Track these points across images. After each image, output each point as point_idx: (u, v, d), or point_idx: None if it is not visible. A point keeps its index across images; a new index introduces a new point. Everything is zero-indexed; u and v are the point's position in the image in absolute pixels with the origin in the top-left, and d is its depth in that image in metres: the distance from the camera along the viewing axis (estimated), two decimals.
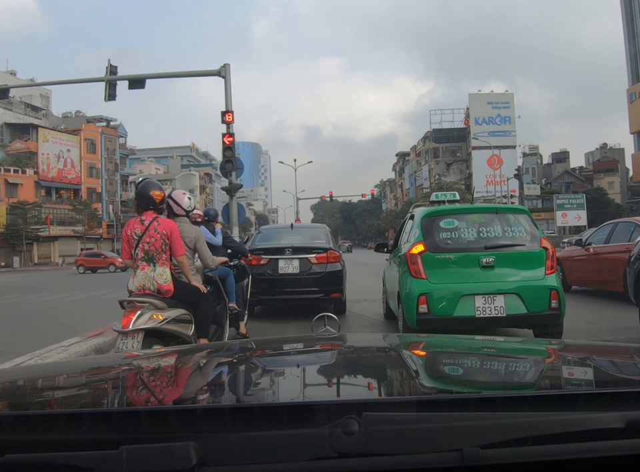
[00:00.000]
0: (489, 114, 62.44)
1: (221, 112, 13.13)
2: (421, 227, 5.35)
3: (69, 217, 50.51)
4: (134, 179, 61.16)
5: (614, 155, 68.67)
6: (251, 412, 0.79)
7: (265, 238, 8.90)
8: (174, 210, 4.39)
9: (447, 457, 0.69)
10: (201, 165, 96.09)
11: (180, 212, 4.42)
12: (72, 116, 61.63)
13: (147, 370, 1.33)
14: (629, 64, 59.90)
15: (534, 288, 5.00)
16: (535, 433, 0.72)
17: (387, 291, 7.02)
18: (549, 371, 1.20)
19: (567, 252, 10.42)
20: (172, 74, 16.15)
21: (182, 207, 4.43)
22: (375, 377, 1.16)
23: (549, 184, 66.72)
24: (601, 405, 0.77)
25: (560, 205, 47.40)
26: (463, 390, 1.06)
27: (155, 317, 3.71)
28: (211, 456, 0.69)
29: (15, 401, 1.02)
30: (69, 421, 0.77)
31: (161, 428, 0.75)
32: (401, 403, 0.83)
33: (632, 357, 1.28)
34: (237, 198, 13.37)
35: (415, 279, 5.12)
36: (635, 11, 57.49)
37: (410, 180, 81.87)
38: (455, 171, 69.36)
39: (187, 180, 76.02)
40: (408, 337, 2.49)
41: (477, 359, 1.35)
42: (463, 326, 4.90)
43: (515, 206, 7.10)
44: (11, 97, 45.41)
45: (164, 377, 1.23)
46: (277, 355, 1.49)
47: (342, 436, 0.69)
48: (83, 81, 15.94)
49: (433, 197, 6.67)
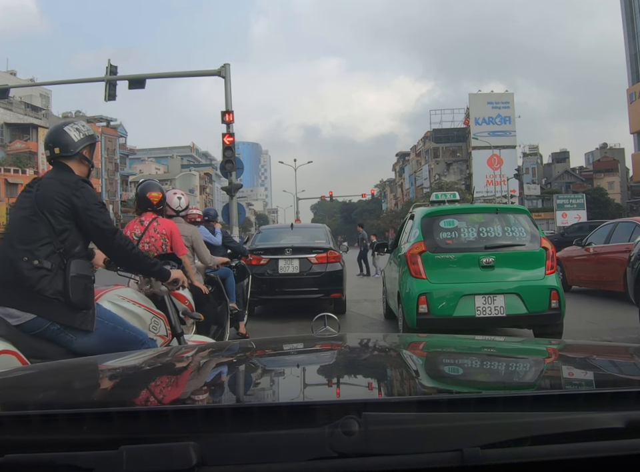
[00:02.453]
0: (489, 114, 62.42)
1: (221, 112, 13.13)
2: (421, 227, 5.36)
3: None
4: (134, 179, 61.20)
5: (614, 155, 68.64)
6: (251, 412, 0.79)
7: (265, 238, 8.91)
8: (165, 210, 4.39)
9: (446, 457, 0.69)
10: (201, 165, 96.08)
11: (169, 212, 4.40)
12: (72, 116, 61.56)
13: (147, 370, 1.33)
14: (629, 64, 59.87)
15: (534, 288, 5.01)
16: (535, 432, 0.72)
17: (387, 291, 7.03)
18: (549, 371, 1.21)
19: (566, 252, 10.43)
20: (172, 74, 16.16)
21: (171, 207, 4.43)
22: (375, 377, 1.16)
23: (549, 184, 66.72)
24: (600, 405, 0.77)
25: (560, 204, 47.37)
26: (462, 390, 1.06)
27: None
28: (211, 456, 0.69)
29: (14, 400, 1.02)
30: (69, 421, 0.77)
31: (161, 428, 0.75)
32: (400, 402, 0.83)
33: (632, 357, 1.28)
34: (237, 198, 13.39)
35: (415, 278, 5.12)
36: (635, 10, 57.46)
37: (410, 180, 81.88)
38: (454, 171, 69.35)
39: (187, 180, 76.02)
40: (408, 337, 2.49)
41: (477, 359, 1.35)
42: (463, 326, 4.91)
43: (515, 206, 7.11)
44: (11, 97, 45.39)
45: (164, 377, 1.23)
46: (277, 355, 1.49)
47: (342, 436, 0.69)
48: (82, 80, 15.94)
49: (433, 196, 6.68)
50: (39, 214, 2.16)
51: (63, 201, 2.18)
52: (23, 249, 2.12)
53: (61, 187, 2.21)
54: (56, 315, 2.12)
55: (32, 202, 2.20)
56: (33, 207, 2.19)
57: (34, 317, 2.09)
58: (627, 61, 60.24)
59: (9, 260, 2.13)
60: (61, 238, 2.17)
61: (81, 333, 2.18)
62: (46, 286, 2.10)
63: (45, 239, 2.14)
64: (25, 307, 2.09)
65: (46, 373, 1.30)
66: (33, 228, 2.16)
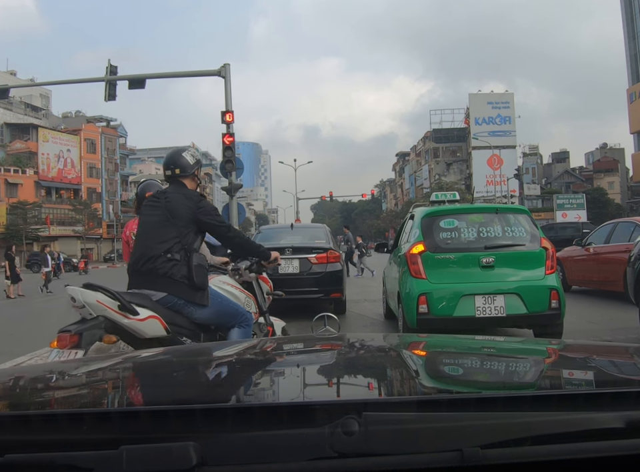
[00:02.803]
0: (489, 114, 62.45)
1: (221, 112, 13.14)
2: (421, 227, 5.36)
3: (68, 217, 50.56)
4: (134, 179, 61.21)
5: (614, 155, 68.67)
6: (251, 412, 0.79)
7: (264, 238, 8.90)
8: None
9: (446, 457, 0.69)
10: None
11: None
12: (72, 116, 61.68)
13: (147, 370, 1.33)
14: (629, 64, 59.88)
15: (534, 288, 5.01)
16: (535, 432, 0.72)
17: (387, 291, 7.03)
18: (549, 371, 1.20)
19: (566, 252, 10.43)
20: (172, 74, 16.17)
21: None
22: (375, 377, 1.16)
23: (549, 184, 66.74)
24: (600, 405, 0.77)
25: (560, 204, 47.43)
26: (463, 390, 1.06)
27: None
28: (211, 456, 0.69)
29: (15, 400, 1.02)
30: (69, 421, 0.77)
31: (161, 428, 0.75)
32: (400, 402, 0.83)
33: (632, 357, 1.28)
34: (237, 198, 13.39)
35: (415, 278, 5.12)
36: (634, 10, 57.47)
37: (410, 180, 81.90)
38: (454, 171, 69.38)
39: None
40: (408, 337, 2.49)
41: (477, 359, 1.35)
42: (463, 326, 4.91)
43: (515, 206, 7.11)
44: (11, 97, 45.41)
45: (164, 376, 1.23)
46: (277, 355, 1.49)
47: (342, 436, 0.69)
48: (82, 80, 15.95)
49: (433, 196, 6.68)
50: (170, 220, 2.88)
51: (188, 211, 2.91)
52: (160, 246, 2.82)
53: (185, 200, 2.94)
54: (182, 293, 2.82)
55: (162, 210, 2.93)
56: (165, 214, 2.91)
57: (165, 295, 2.79)
58: (627, 61, 60.26)
59: (148, 256, 2.83)
60: (185, 237, 2.87)
61: (200, 307, 2.87)
62: (176, 272, 2.79)
63: (175, 239, 2.85)
64: (160, 288, 2.80)
65: (46, 373, 1.30)
66: (166, 231, 2.87)
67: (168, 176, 3.06)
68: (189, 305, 2.84)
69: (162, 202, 2.98)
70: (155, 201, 3.03)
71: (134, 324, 2.63)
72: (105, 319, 2.61)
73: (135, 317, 2.62)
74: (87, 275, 27.41)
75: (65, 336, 2.52)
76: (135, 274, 2.90)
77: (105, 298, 2.61)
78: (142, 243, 2.95)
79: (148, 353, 1.68)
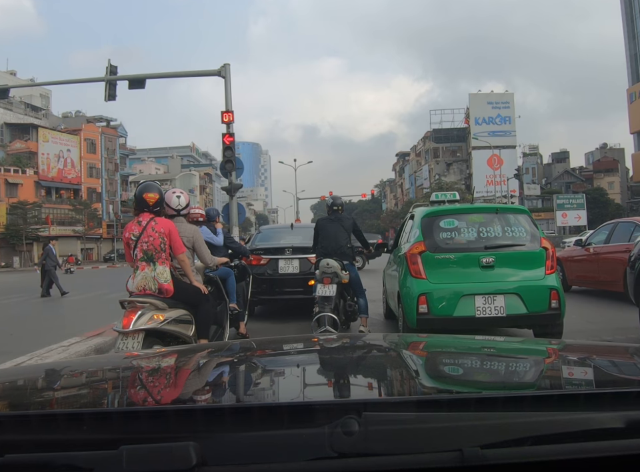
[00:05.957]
0: (489, 114, 62.43)
1: (221, 112, 13.11)
2: (421, 227, 5.35)
3: (69, 217, 50.51)
4: (134, 179, 61.23)
5: (614, 155, 68.63)
6: (250, 412, 0.79)
7: (265, 238, 8.90)
8: (165, 211, 4.37)
9: (446, 456, 0.69)
10: (200, 165, 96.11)
11: (170, 212, 4.36)
12: (72, 116, 61.63)
13: (147, 370, 1.33)
14: (629, 64, 59.88)
15: (534, 288, 5.00)
16: (535, 432, 0.72)
17: (387, 291, 7.02)
18: (549, 371, 1.20)
19: (566, 252, 10.42)
20: (172, 74, 16.15)
21: (170, 206, 4.39)
22: (375, 376, 1.16)
23: (549, 184, 66.71)
24: (600, 405, 0.77)
25: (560, 204, 47.39)
26: (463, 390, 1.06)
27: (155, 317, 3.71)
28: (211, 456, 0.69)
29: (15, 401, 1.02)
30: (69, 421, 0.77)
31: (161, 428, 0.75)
32: (400, 402, 0.83)
33: (632, 357, 1.28)
34: (237, 198, 13.36)
35: (414, 278, 5.12)
36: (634, 10, 57.47)
37: (410, 180, 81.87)
38: (454, 171, 69.35)
39: (187, 180, 76.02)
40: (408, 337, 2.48)
41: (477, 359, 1.35)
42: (463, 326, 4.90)
43: (515, 206, 7.10)
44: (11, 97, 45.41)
45: (164, 377, 1.23)
46: (277, 355, 1.49)
47: (342, 436, 0.69)
48: (82, 80, 15.94)
49: (433, 196, 6.67)
50: (344, 230, 6.03)
51: (350, 227, 6.16)
52: (345, 242, 5.97)
53: (347, 221, 6.17)
54: (351, 259, 6.04)
55: (338, 225, 6.02)
56: (340, 226, 6.01)
57: (347, 263, 5.92)
58: (627, 61, 60.27)
59: (339, 245, 5.89)
60: (349, 238, 6.09)
61: (353, 268, 6.08)
62: (350, 253, 6.06)
63: (347, 238, 6.04)
64: (345, 259, 5.90)
65: (46, 373, 1.30)
66: (344, 235, 6.00)
67: (335, 210, 6.27)
68: (351, 266, 6.06)
69: (335, 221, 6.11)
70: (331, 219, 6.19)
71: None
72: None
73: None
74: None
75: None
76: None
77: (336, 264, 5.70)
78: (331, 240, 5.99)
79: (148, 353, 1.68)
